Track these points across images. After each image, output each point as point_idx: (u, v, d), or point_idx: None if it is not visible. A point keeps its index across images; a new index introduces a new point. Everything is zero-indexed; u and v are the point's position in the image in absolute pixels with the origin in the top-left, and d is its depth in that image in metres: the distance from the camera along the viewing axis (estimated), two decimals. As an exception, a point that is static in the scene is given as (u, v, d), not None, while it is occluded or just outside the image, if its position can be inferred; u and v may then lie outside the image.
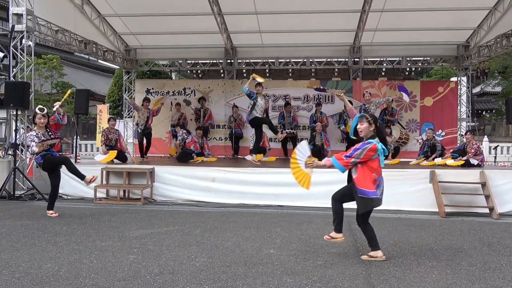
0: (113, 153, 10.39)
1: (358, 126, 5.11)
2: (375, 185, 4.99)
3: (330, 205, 6.38)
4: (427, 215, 8.25)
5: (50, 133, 7.39)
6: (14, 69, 10.01)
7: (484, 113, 37.22)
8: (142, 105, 12.05)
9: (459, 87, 14.75)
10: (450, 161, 10.08)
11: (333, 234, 5.27)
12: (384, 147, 5.01)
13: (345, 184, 5.38)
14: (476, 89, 36.07)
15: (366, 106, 10.95)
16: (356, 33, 13.69)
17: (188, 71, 24.02)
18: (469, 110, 15.13)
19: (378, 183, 5.04)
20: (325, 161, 5.23)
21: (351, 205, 8.67)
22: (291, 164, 5.25)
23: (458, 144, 13.23)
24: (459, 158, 9.93)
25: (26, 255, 5.08)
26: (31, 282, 4.20)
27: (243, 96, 14.18)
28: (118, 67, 19.60)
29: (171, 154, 12.91)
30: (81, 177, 7.48)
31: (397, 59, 15.11)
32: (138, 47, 15.63)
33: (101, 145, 10.82)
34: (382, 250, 5.13)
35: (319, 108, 13.09)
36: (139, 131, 12.02)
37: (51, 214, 7.50)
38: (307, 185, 5.15)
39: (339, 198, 5.30)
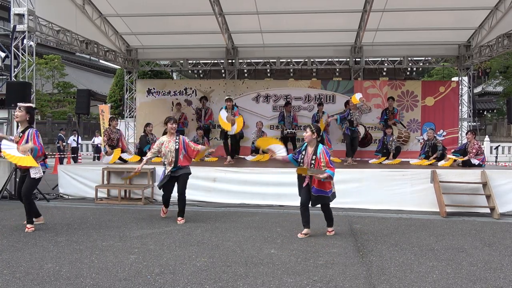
0: (118, 151, 10.40)
1: (303, 134, 6.17)
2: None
3: (331, 205, 6.43)
4: (428, 215, 8.25)
5: None
6: (15, 69, 10.02)
7: (485, 113, 37.20)
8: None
9: (460, 87, 14.72)
10: (450, 156, 10.12)
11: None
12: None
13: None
14: (478, 89, 36.08)
15: (351, 112, 11.01)
16: (357, 33, 13.68)
17: (189, 71, 24.03)
18: (470, 110, 15.10)
19: None
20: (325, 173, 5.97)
21: (352, 205, 8.72)
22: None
23: (459, 144, 13.24)
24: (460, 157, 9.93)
25: (27, 255, 5.09)
26: (32, 282, 4.20)
27: (244, 96, 14.29)
28: (119, 67, 19.60)
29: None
30: None
31: (398, 59, 15.08)
32: (139, 47, 15.64)
33: (104, 145, 10.80)
34: (383, 250, 5.11)
35: (321, 108, 13.07)
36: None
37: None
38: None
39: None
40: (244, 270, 4.66)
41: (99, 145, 19.55)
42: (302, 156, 6.18)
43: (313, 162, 6.06)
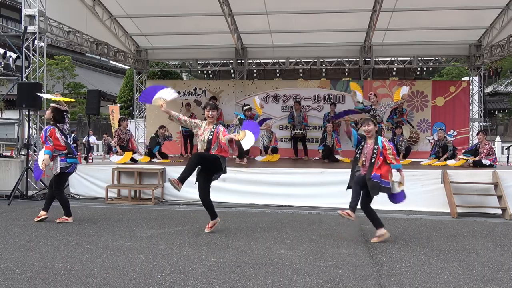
0: (129, 154, 10.43)
1: (366, 128, 5.97)
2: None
3: (341, 205, 6.41)
4: (439, 216, 8.19)
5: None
6: (26, 70, 10.12)
7: (496, 113, 36.87)
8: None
9: (471, 86, 14.63)
10: (461, 156, 10.06)
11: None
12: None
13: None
14: (488, 89, 35.78)
15: (373, 107, 10.93)
16: (367, 33, 13.63)
17: (199, 72, 24.08)
18: (481, 110, 14.99)
19: None
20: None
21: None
22: None
23: (470, 144, 13.13)
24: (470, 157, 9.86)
25: (38, 254, 5.12)
26: (43, 281, 4.23)
27: (253, 97, 14.24)
28: (129, 67, 19.73)
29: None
30: None
31: (408, 58, 15.02)
32: (149, 48, 15.72)
33: (114, 146, 10.86)
34: (393, 251, 5.09)
35: (333, 108, 13.06)
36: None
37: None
38: None
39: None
40: (254, 270, 4.66)
41: (91, 145, 19.46)
42: (361, 147, 5.97)
43: (375, 152, 5.87)
